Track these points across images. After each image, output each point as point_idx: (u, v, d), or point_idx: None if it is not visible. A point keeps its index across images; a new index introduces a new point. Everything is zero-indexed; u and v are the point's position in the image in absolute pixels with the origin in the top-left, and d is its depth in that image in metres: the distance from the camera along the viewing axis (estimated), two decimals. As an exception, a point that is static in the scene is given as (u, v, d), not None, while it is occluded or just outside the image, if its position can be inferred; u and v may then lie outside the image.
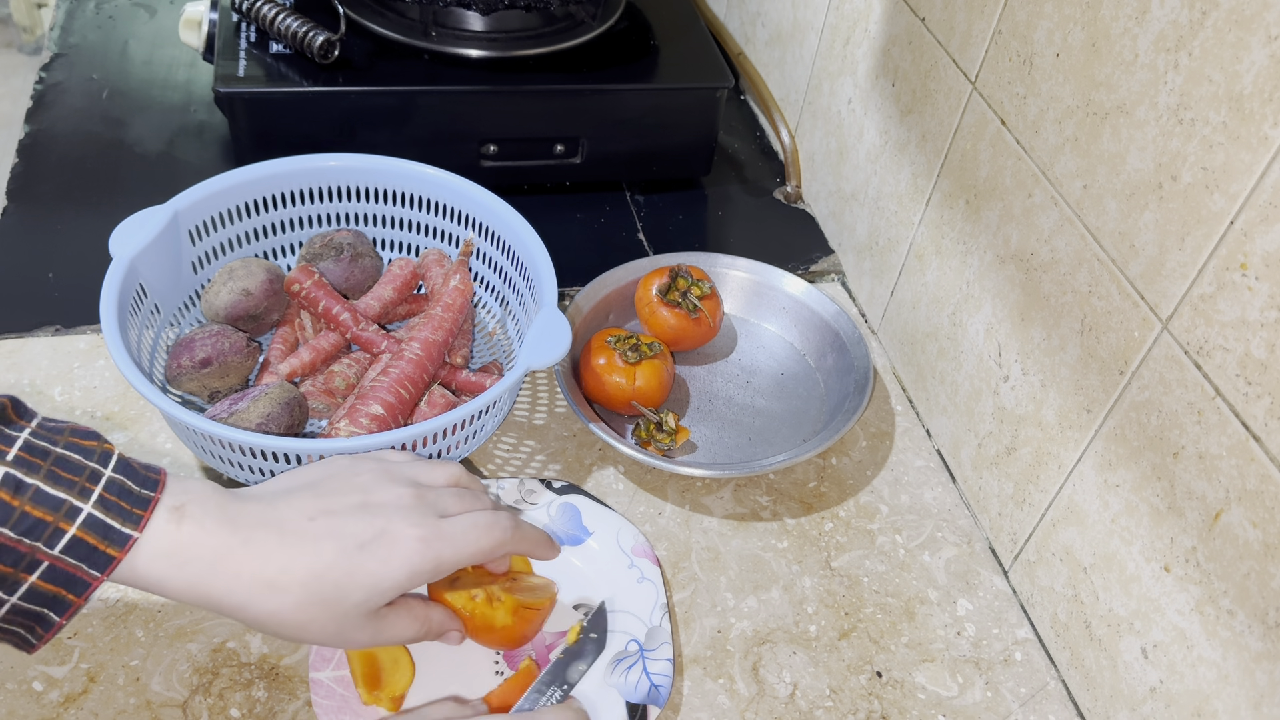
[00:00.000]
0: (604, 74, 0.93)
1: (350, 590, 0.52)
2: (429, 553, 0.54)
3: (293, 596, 0.51)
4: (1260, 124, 0.50)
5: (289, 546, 0.52)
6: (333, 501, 0.55)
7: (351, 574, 0.52)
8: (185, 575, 0.50)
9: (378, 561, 0.53)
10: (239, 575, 0.51)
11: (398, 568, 0.53)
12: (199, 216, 0.76)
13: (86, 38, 1.07)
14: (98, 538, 0.47)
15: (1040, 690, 0.68)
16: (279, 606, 0.51)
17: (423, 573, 0.54)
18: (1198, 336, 0.55)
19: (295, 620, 0.52)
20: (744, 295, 0.90)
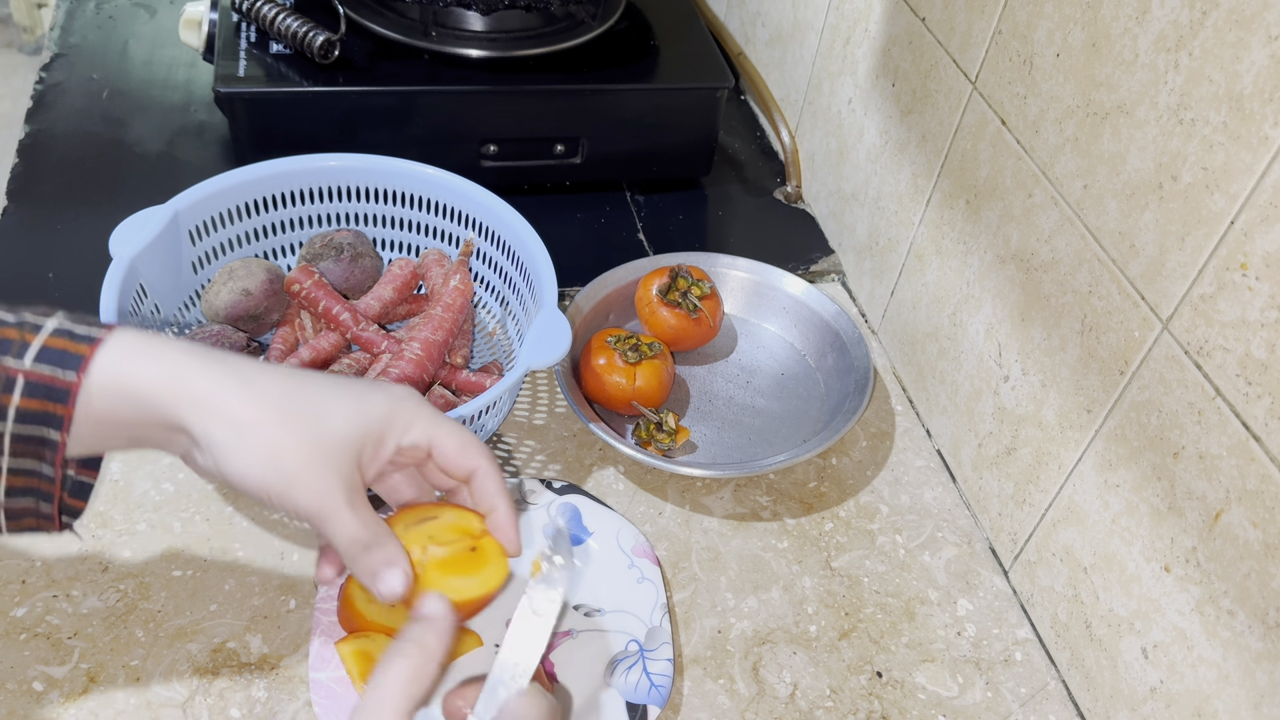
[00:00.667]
0: (604, 74, 0.93)
1: (333, 401, 0.49)
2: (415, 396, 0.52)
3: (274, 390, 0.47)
4: (1260, 124, 0.50)
5: (264, 365, 0.49)
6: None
7: (337, 385, 0.50)
8: (158, 366, 0.46)
9: (363, 387, 0.51)
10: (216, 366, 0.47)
11: (382, 395, 0.51)
12: (199, 216, 0.76)
13: (86, 38, 1.07)
14: (66, 340, 0.46)
15: (1040, 690, 0.68)
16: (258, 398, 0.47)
17: (407, 411, 0.51)
18: (1198, 336, 0.55)
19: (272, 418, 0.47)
20: (744, 295, 0.90)
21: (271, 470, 0.47)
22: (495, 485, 0.54)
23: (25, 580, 0.66)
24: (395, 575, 0.50)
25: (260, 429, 0.47)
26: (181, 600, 0.66)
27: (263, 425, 0.47)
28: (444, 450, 0.52)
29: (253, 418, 0.47)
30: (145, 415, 0.47)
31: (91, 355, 0.46)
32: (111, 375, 0.46)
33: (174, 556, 0.68)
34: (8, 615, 0.64)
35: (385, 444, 0.51)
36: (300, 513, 0.48)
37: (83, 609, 0.65)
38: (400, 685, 0.47)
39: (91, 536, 0.68)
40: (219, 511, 0.71)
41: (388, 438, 0.50)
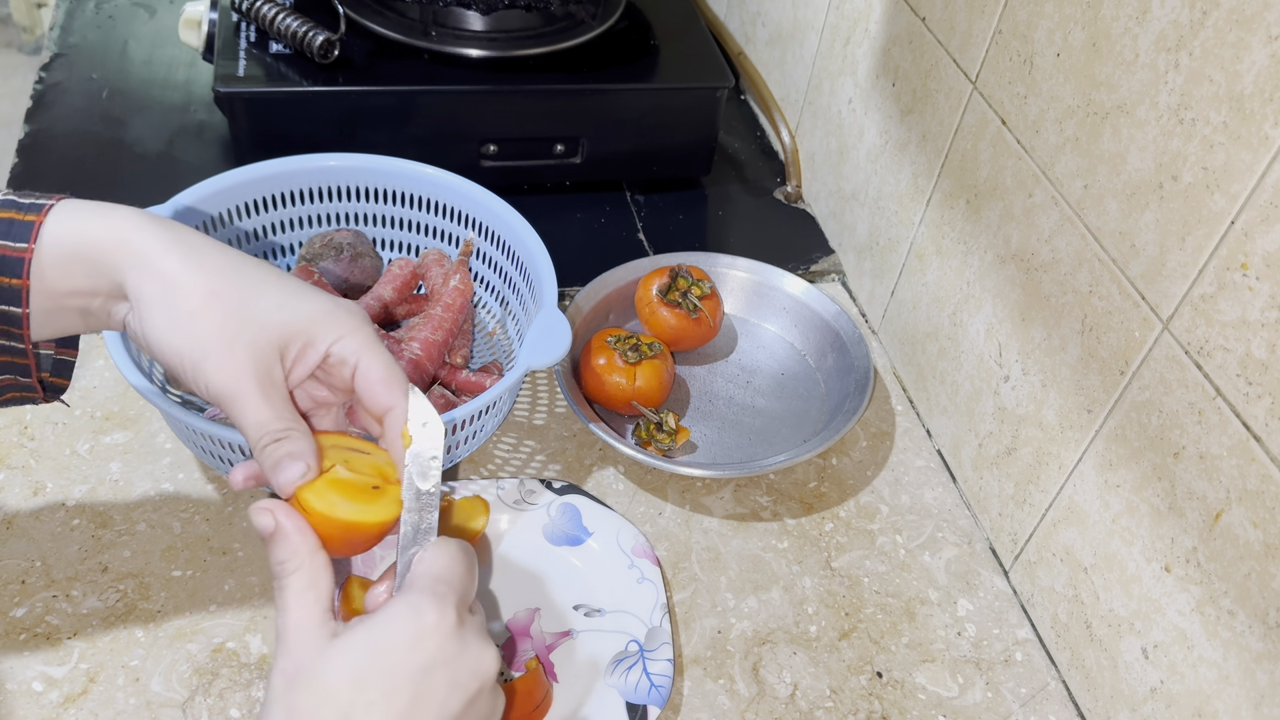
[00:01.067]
0: (604, 74, 0.93)
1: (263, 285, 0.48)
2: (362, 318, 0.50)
3: (212, 260, 0.47)
4: (1261, 124, 0.50)
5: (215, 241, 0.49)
6: None
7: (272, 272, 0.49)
8: (104, 220, 0.47)
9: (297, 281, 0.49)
10: (166, 230, 0.47)
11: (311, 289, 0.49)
12: (199, 216, 0.76)
13: (86, 38, 1.07)
14: (13, 211, 0.46)
15: (1041, 690, 0.68)
16: (191, 264, 0.46)
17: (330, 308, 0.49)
18: (1198, 336, 0.55)
19: (196, 286, 0.46)
20: (744, 295, 0.90)
21: (187, 337, 0.46)
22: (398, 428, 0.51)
23: (25, 580, 0.66)
24: (296, 466, 0.47)
25: (188, 292, 0.46)
26: (181, 600, 0.66)
27: (191, 289, 0.46)
28: (368, 373, 0.49)
29: (184, 280, 0.46)
30: (94, 278, 0.47)
31: (41, 222, 0.46)
32: (62, 236, 0.46)
33: (174, 556, 0.68)
34: (8, 615, 0.64)
35: (315, 346, 0.49)
36: (210, 390, 0.47)
37: (82, 609, 0.65)
38: (299, 611, 0.46)
39: (91, 536, 0.68)
40: (219, 511, 0.71)
41: (318, 339, 0.49)
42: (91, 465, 0.72)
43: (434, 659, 0.45)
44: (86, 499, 0.70)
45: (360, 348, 0.50)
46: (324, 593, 0.47)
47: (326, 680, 0.44)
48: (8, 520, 0.68)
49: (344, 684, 0.44)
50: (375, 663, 0.44)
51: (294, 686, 0.44)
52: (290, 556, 0.46)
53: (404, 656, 0.44)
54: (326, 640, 0.45)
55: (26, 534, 0.68)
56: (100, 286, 0.47)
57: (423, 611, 0.45)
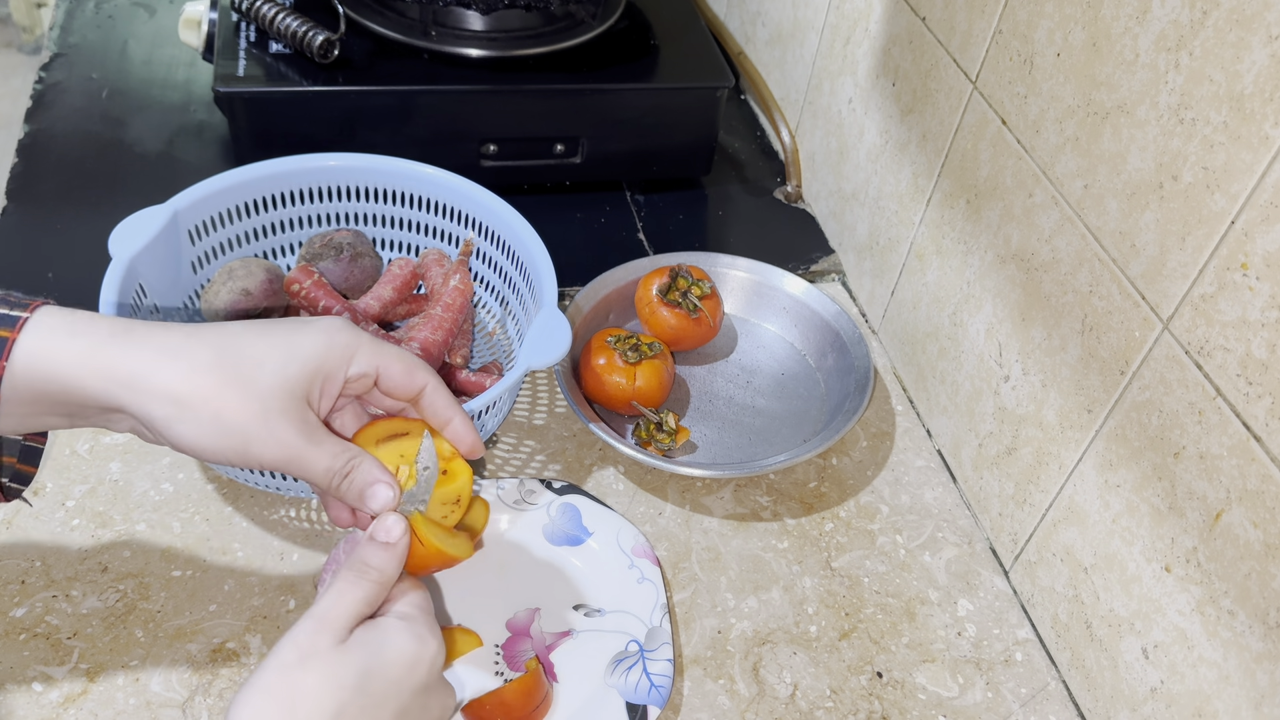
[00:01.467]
0: (604, 74, 0.93)
1: (266, 352, 0.48)
2: (350, 328, 0.51)
3: (202, 358, 0.47)
4: (1261, 124, 0.50)
5: (199, 329, 0.48)
6: None
7: (266, 336, 0.49)
8: (80, 346, 0.46)
9: (292, 328, 0.50)
10: (141, 342, 0.46)
11: (317, 334, 0.50)
12: (199, 216, 0.76)
13: (86, 37, 1.07)
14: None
15: (1041, 691, 0.68)
16: (187, 369, 0.46)
17: (343, 344, 0.50)
18: (1198, 336, 0.55)
19: (208, 388, 0.46)
20: (744, 295, 0.90)
21: (223, 436, 0.47)
22: (445, 398, 0.54)
23: (25, 580, 0.66)
24: (381, 491, 0.51)
25: (199, 399, 0.46)
26: (181, 600, 0.66)
27: (201, 394, 0.46)
28: (390, 374, 0.52)
29: (189, 390, 0.46)
30: (76, 397, 0.47)
31: (13, 340, 0.45)
32: (34, 359, 0.46)
33: (174, 556, 0.68)
34: (8, 615, 0.64)
35: (334, 379, 0.50)
36: (266, 465, 0.48)
37: (82, 609, 0.65)
38: (354, 607, 0.49)
39: (91, 537, 0.68)
40: (219, 511, 0.71)
41: (335, 373, 0.50)
42: (91, 465, 0.72)
43: (422, 683, 0.50)
44: (86, 499, 0.70)
45: (373, 356, 0.52)
46: (374, 607, 0.51)
47: (338, 674, 0.47)
48: (8, 520, 0.68)
49: (350, 680, 0.47)
50: (381, 673, 0.48)
51: (306, 664, 0.47)
52: (384, 567, 0.51)
53: (403, 674, 0.49)
54: (346, 637, 0.49)
55: (26, 534, 0.68)
56: (86, 402, 0.47)
57: (425, 640, 0.50)
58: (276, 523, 0.70)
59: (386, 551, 0.51)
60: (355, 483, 0.51)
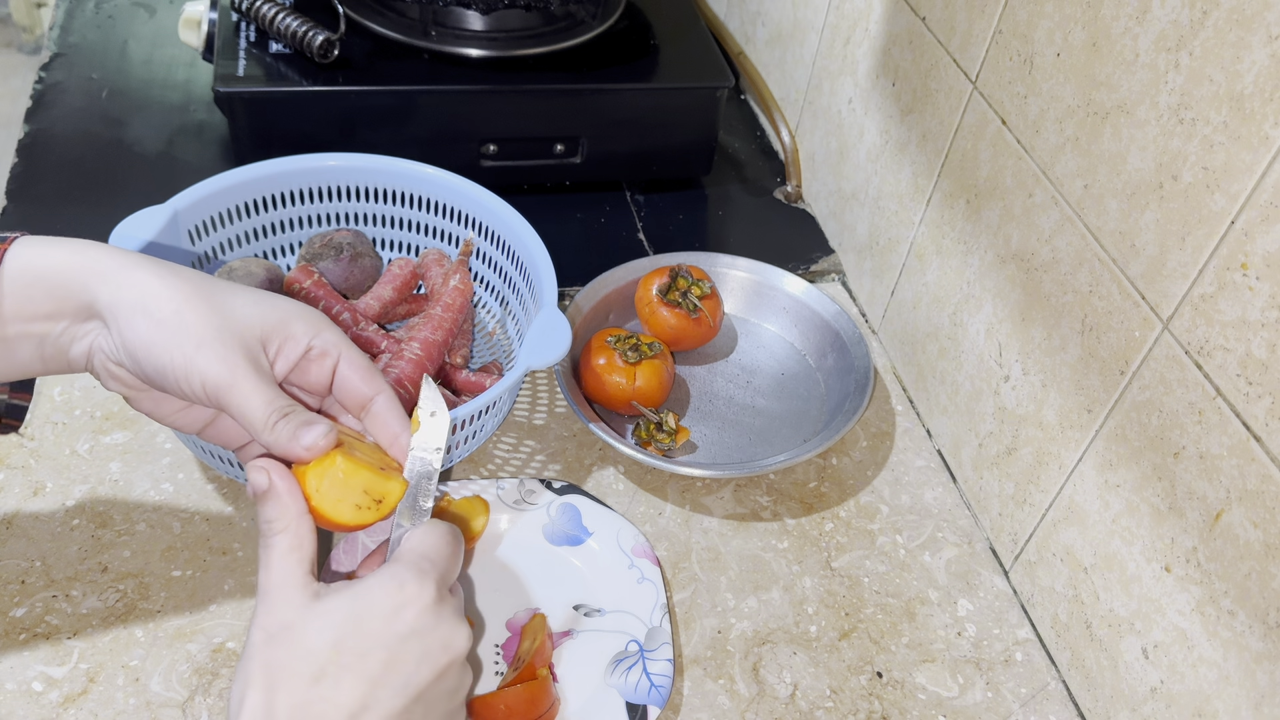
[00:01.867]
0: (604, 74, 0.93)
1: (231, 287, 0.50)
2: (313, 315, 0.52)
3: (177, 273, 0.48)
4: (1261, 124, 0.50)
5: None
6: None
7: (233, 284, 0.50)
8: (67, 249, 0.48)
9: (254, 293, 0.50)
10: (128, 253, 0.49)
11: (276, 292, 0.51)
12: (199, 216, 0.76)
13: (86, 37, 1.07)
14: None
15: (1041, 690, 0.68)
16: (161, 272, 0.48)
17: (301, 309, 0.51)
18: (1198, 336, 0.55)
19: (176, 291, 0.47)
20: (744, 295, 0.90)
21: (176, 333, 0.47)
22: (397, 413, 0.53)
23: (25, 580, 0.66)
24: (316, 429, 0.48)
25: (167, 296, 0.47)
26: (181, 600, 0.66)
27: (169, 293, 0.47)
28: (351, 365, 0.52)
29: (159, 287, 0.48)
30: (58, 300, 0.48)
31: (3, 252, 0.47)
32: (24, 264, 0.47)
33: (173, 557, 0.68)
34: (8, 615, 0.64)
35: (295, 339, 0.50)
36: (207, 380, 0.47)
37: (82, 609, 0.65)
38: (283, 566, 0.47)
39: (91, 536, 0.68)
40: (219, 511, 0.71)
41: (298, 334, 0.50)
42: (91, 465, 0.72)
43: (410, 629, 0.47)
44: (86, 499, 0.70)
45: (339, 341, 0.52)
46: (308, 554, 0.48)
47: (307, 639, 0.46)
48: (8, 520, 0.68)
49: (323, 644, 0.45)
50: (355, 627, 0.46)
51: (273, 642, 0.46)
52: (279, 516, 0.48)
53: (382, 624, 0.46)
54: (309, 600, 0.47)
55: (26, 534, 0.68)
56: (65, 309, 0.48)
57: (405, 584, 0.47)
58: (276, 523, 0.70)
59: (268, 500, 0.48)
60: (294, 420, 0.48)
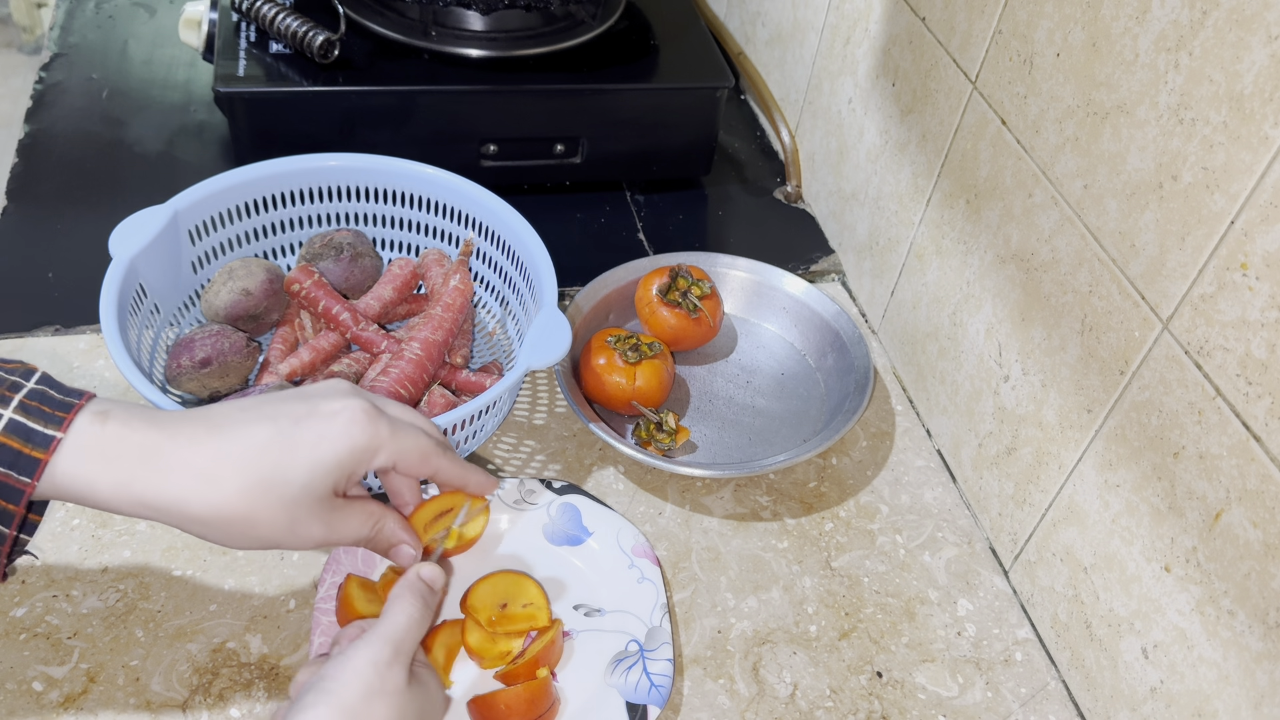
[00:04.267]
0: (604, 74, 0.93)
1: (291, 468, 0.50)
2: (370, 426, 0.52)
3: (231, 484, 0.49)
4: (1261, 124, 0.50)
5: (220, 432, 0.49)
6: (268, 396, 0.53)
7: (291, 449, 0.50)
8: (114, 474, 0.48)
9: (316, 434, 0.51)
10: (171, 468, 0.48)
11: (338, 438, 0.51)
12: (199, 216, 0.76)
13: (86, 37, 1.07)
14: (20, 441, 0.47)
15: (1041, 690, 0.68)
16: (219, 498, 0.48)
17: (364, 448, 0.52)
18: (1198, 336, 0.55)
19: (240, 512, 0.49)
20: (744, 295, 0.90)
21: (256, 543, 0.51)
22: (455, 468, 0.58)
23: (25, 580, 0.66)
24: (405, 551, 0.58)
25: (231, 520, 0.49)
26: (181, 600, 0.66)
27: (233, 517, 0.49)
28: (407, 462, 0.55)
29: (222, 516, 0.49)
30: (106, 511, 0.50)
31: (46, 462, 0.47)
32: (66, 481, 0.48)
33: (174, 556, 0.68)
34: (8, 615, 0.64)
35: (356, 475, 0.54)
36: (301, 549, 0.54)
37: (83, 609, 0.65)
38: (416, 636, 0.53)
39: (91, 536, 0.68)
40: (219, 511, 0.71)
41: (358, 471, 0.54)
42: (91, 465, 0.72)
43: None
44: (86, 499, 0.70)
45: (391, 454, 0.54)
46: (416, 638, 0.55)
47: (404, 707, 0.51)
48: (8, 520, 0.68)
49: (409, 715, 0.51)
50: (427, 712, 0.53)
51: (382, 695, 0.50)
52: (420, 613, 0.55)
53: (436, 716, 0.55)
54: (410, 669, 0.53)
55: (26, 534, 0.68)
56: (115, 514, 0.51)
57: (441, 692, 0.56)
58: (276, 523, 0.70)
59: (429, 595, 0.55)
60: (381, 543, 0.57)
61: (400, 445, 0.54)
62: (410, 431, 0.55)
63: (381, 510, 0.56)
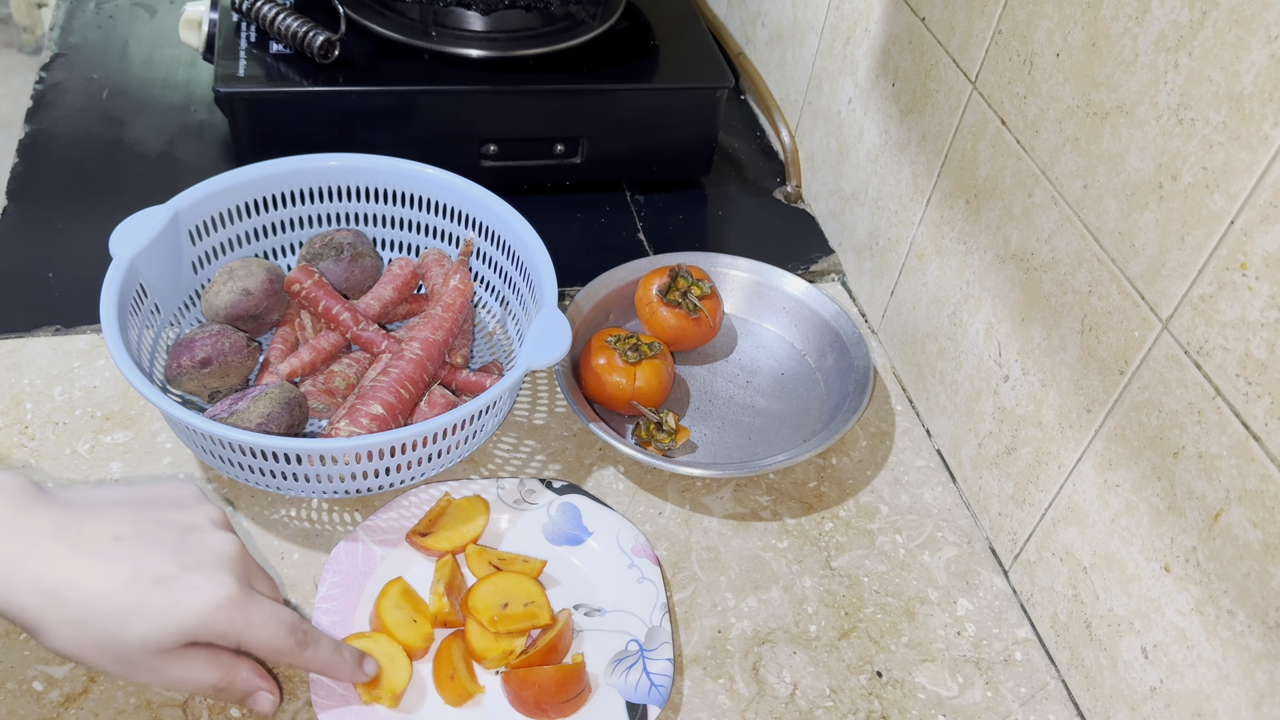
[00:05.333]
0: (604, 74, 0.93)
1: (133, 621, 0.50)
2: (227, 614, 0.51)
3: (72, 612, 0.49)
4: (1260, 124, 0.50)
5: (80, 560, 0.50)
6: (149, 530, 0.52)
7: (138, 607, 0.50)
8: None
9: (169, 601, 0.50)
10: (22, 579, 0.49)
11: (187, 615, 0.51)
12: (199, 216, 0.76)
13: (86, 38, 1.07)
14: None
15: (1040, 690, 0.68)
16: (57, 620, 0.49)
17: (212, 633, 0.51)
18: (1198, 336, 0.55)
19: (72, 640, 0.50)
20: (744, 295, 0.90)
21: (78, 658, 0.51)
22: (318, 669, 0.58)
23: (25, 580, 0.66)
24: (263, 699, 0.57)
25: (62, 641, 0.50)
26: (181, 600, 0.66)
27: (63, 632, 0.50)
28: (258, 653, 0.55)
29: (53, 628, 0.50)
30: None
31: None
32: None
33: (174, 556, 0.68)
34: (8, 615, 0.64)
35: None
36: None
37: None
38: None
39: (91, 536, 0.68)
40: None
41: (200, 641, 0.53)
42: (92, 465, 0.72)
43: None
44: (87, 499, 0.70)
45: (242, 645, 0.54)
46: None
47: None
48: (8, 520, 0.68)
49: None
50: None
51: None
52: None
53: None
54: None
55: (27, 534, 0.68)
56: None
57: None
58: (277, 522, 0.70)
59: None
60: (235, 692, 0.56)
61: (254, 639, 0.53)
62: (268, 628, 0.53)
63: (232, 660, 0.54)
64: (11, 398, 0.75)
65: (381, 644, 0.62)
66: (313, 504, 0.72)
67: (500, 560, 0.67)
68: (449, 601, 0.64)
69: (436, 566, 0.67)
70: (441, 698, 0.62)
